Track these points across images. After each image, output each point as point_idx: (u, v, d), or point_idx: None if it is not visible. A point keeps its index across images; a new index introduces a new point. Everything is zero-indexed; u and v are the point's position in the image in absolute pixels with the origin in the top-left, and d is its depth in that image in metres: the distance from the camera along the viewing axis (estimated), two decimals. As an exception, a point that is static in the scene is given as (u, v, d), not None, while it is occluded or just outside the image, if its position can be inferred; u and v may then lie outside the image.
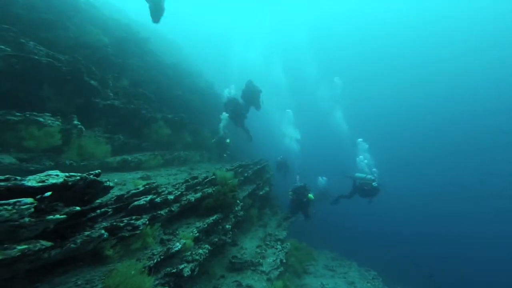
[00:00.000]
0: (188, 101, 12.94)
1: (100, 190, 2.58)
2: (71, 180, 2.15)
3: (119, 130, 7.50)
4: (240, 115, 12.64)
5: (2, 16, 4.95)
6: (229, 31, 34.85)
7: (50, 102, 5.29)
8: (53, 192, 1.92)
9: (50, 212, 1.92)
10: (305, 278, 8.91)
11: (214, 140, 11.80)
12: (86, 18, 7.41)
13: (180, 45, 21.31)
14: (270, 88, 22.72)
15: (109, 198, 3.62)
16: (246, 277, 6.34)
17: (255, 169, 10.62)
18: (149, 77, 10.52)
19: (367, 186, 11.50)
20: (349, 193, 12.45)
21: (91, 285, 2.45)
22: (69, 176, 2.16)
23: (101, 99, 6.83)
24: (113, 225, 3.20)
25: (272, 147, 19.42)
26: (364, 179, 11.69)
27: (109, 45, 7.83)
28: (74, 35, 6.53)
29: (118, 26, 9.66)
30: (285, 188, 11.65)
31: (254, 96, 12.74)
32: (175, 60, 14.40)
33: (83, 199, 2.41)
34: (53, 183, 2.00)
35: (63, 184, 2.06)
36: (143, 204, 3.84)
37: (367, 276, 9.91)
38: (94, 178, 2.40)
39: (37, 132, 4.01)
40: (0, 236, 1.70)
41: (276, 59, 31.28)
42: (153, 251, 3.82)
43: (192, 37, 27.88)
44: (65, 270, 2.43)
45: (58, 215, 1.94)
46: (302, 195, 10.91)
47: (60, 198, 2.07)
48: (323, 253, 11.86)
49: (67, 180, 2.11)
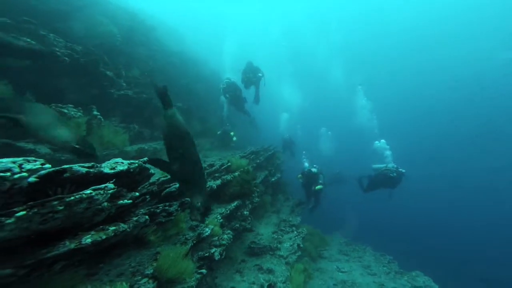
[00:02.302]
0: (195, 90, 12.85)
1: (145, 176, 2.63)
2: (132, 167, 2.21)
3: (132, 119, 7.53)
4: (240, 99, 12.40)
5: (21, 8, 4.88)
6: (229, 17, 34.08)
7: (69, 94, 5.29)
8: (116, 179, 1.97)
9: (118, 197, 1.99)
10: (320, 263, 9.11)
11: (219, 133, 11.80)
12: (96, 9, 7.28)
13: (183, 33, 20.93)
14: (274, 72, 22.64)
15: (142, 185, 3.69)
16: (266, 261, 6.51)
17: (267, 155, 10.68)
18: (157, 66, 10.42)
19: (393, 173, 10.69)
20: (367, 187, 11.79)
21: (143, 267, 2.57)
22: (131, 163, 2.23)
23: (115, 89, 6.82)
24: (150, 211, 3.27)
25: (275, 131, 19.38)
26: (386, 168, 11.01)
27: (118, 35, 7.73)
28: (85, 25, 6.44)
29: (125, 15, 9.49)
30: (296, 174, 11.69)
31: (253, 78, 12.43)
32: (180, 48, 14.19)
33: (131, 186, 2.47)
34: (121, 170, 2.06)
35: (127, 170, 2.12)
36: (174, 190, 3.91)
37: (383, 260, 9.95)
38: (145, 166, 2.46)
39: (71, 123, 4.03)
40: (83, 220, 1.77)
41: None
42: (186, 236, 3.92)
43: (192, 24, 27.37)
44: (118, 254, 2.54)
45: (126, 200, 2.01)
46: (312, 180, 10.69)
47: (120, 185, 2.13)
48: (336, 239, 12.01)
49: (129, 167, 2.17)
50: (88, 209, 1.74)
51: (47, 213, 1.52)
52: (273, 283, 5.67)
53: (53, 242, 1.75)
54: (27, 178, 1.57)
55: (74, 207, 1.63)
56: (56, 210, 1.55)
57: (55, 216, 1.57)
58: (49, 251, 1.63)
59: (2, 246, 1.58)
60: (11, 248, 1.64)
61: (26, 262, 1.56)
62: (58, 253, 1.62)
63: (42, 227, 1.58)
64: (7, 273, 1.44)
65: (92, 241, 1.74)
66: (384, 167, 11.14)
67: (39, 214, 1.49)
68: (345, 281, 7.86)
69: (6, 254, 1.60)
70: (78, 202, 1.63)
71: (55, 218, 1.58)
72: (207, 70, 15.99)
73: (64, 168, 1.76)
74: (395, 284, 7.92)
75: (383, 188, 11.30)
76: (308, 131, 23.12)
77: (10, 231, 1.41)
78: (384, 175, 10.90)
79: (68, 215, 1.66)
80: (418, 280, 8.33)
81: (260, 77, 12.50)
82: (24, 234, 1.54)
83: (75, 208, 1.64)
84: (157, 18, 13.84)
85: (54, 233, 1.78)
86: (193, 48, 17.32)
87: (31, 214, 1.45)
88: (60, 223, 1.73)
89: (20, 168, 1.52)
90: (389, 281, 8.10)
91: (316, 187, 10.47)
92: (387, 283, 7.88)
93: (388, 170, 10.83)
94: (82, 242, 1.70)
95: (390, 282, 8.05)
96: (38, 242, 1.73)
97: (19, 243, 1.67)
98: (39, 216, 1.50)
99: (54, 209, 1.54)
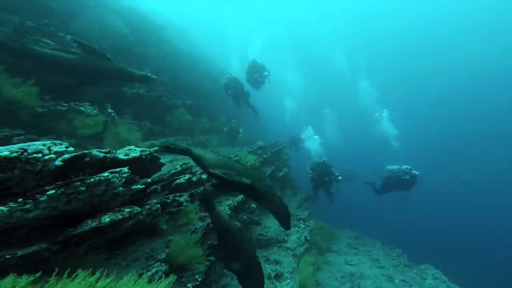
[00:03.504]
0: (203, 88, 13.09)
1: (156, 166, 2.83)
2: (144, 154, 2.41)
3: (143, 117, 7.82)
4: (242, 93, 12.16)
5: (40, 10, 5.19)
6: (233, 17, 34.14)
7: (86, 93, 5.58)
8: (129, 167, 2.17)
9: (132, 183, 2.19)
10: (328, 256, 9.20)
11: (226, 129, 11.94)
12: (108, 9, 7.57)
13: (190, 32, 21.21)
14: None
15: (153, 177, 3.92)
16: (273, 253, 6.69)
17: (273, 151, 10.81)
18: (167, 65, 10.70)
19: (406, 175, 10.36)
20: (380, 188, 11.51)
21: (156, 253, 2.79)
22: (143, 150, 2.43)
23: (128, 88, 7.09)
24: (162, 201, 3.49)
25: (281, 129, 19.46)
26: (400, 170, 10.64)
27: (130, 35, 8.01)
28: (99, 26, 6.73)
29: (136, 15, 9.79)
30: (304, 169, 11.74)
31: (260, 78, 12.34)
32: (188, 47, 14.44)
33: (143, 175, 2.67)
34: (134, 156, 2.26)
35: (140, 157, 2.32)
36: (183, 182, 4.12)
37: (392, 254, 9.94)
38: (156, 155, 2.66)
39: (88, 120, 4.32)
40: (101, 204, 1.99)
41: None
42: (196, 226, 4.13)
43: (199, 23, 27.65)
44: (132, 242, 2.77)
45: (138, 185, 2.21)
46: (323, 173, 10.30)
47: (133, 173, 2.34)
48: (344, 233, 12.03)
49: (141, 153, 2.37)
50: (106, 192, 1.94)
51: (71, 193, 1.74)
52: (280, 273, 5.84)
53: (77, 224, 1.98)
54: (55, 161, 1.79)
55: (94, 189, 1.84)
56: (79, 191, 1.76)
57: (78, 197, 1.79)
58: (75, 230, 1.85)
59: (36, 226, 1.81)
60: (43, 228, 1.87)
61: (58, 239, 1.78)
62: (83, 230, 1.84)
63: (67, 207, 1.79)
64: (44, 247, 1.66)
65: (110, 220, 1.94)
66: (397, 169, 10.80)
67: (65, 194, 1.70)
68: (353, 273, 7.94)
69: (40, 233, 1.83)
70: (97, 184, 1.84)
71: (78, 199, 1.80)
72: (215, 68, 16.20)
73: (85, 153, 1.98)
74: (404, 277, 7.94)
75: (397, 190, 10.93)
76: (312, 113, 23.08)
77: (43, 209, 1.63)
78: (397, 177, 10.59)
79: (89, 197, 1.87)
80: (427, 273, 8.32)
81: (266, 75, 12.40)
82: (54, 213, 1.76)
83: (95, 190, 1.85)
84: (166, 18, 14.12)
85: (78, 216, 2.00)
86: (201, 47, 17.58)
87: (59, 193, 1.67)
88: (82, 205, 1.94)
89: (49, 150, 1.74)
90: (397, 273, 8.14)
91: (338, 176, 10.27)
92: (396, 276, 7.91)
93: (401, 172, 10.49)
94: (101, 221, 1.91)
95: (399, 274, 8.08)
96: (65, 224, 1.95)
97: (50, 225, 1.90)
98: (65, 197, 1.71)
99: (77, 190, 1.75)
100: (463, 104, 38.47)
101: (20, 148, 1.61)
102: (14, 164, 1.59)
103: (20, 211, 1.53)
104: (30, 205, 1.56)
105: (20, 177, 1.65)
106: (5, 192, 1.65)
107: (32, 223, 1.76)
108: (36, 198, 1.59)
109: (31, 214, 1.59)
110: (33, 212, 1.59)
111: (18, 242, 1.72)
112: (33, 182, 1.73)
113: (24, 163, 1.63)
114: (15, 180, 1.64)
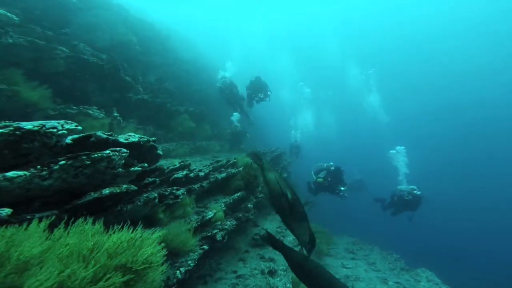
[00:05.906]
0: (206, 95, 13.59)
1: (154, 156, 3.19)
2: (142, 140, 2.78)
3: (148, 122, 8.27)
4: (237, 98, 12.17)
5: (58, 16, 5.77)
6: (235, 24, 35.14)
7: (95, 97, 6.06)
8: (129, 151, 2.52)
9: (131, 166, 2.55)
10: (325, 259, 9.31)
11: (229, 131, 12.14)
12: (118, 20, 8.17)
13: (194, 42, 22.07)
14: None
15: (151, 167, 4.26)
16: (268, 252, 6.89)
17: (273, 156, 11.13)
18: (171, 72, 11.27)
19: (408, 196, 10.22)
20: (387, 205, 11.37)
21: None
22: (141, 137, 2.80)
23: (134, 94, 7.57)
24: (160, 193, 3.83)
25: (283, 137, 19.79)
26: (403, 190, 10.59)
27: (137, 44, 8.58)
28: (109, 36, 7.30)
29: (143, 25, 10.45)
30: (304, 176, 11.85)
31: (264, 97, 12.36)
32: (192, 56, 15.10)
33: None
34: (133, 141, 2.63)
35: (138, 142, 2.69)
36: (181, 177, 4.47)
37: (389, 258, 10.00)
38: (153, 144, 3.02)
39: (95, 123, 4.76)
40: (103, 184, 2.35)
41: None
42: (191, 218, 4.45)
43: (204, 32, 28.67)
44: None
45: (136, 167, 2.56)
46: (336, 180, 9.66)
47: (131, 158, 2.70)
48: (343, 238, 12.11)
49: (140, 139, 2.74)
50: (107, 169, 2.29)
51: (79, 167, 2.10)
52: (274, 269, 6.04)
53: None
54: (66, 137, 2.16)
55: (97, 164, 2.20)
56: (85, 164, 2.12)
57: (84, 171, 2.14)
58: (80, 200, 2.19)
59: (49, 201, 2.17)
60: (55, 203, 2.22)
61: (67, 207, 2.14)
62: (86, 200, 2.18)
63: (74, 181, 2.14)
64: (55, 213, 2.01)
65: (109, 192, 2.29)
66: (401, 189, 10.72)
67: (73, 167, 2.06)
68: (348, 276, 8.06)
69: (52, 205, 2.18)
70: (100, 160, 2.20)
71: (83, 174, 2.15)
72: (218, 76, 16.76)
73: (90, 134, 2.37)
74: (398, 279, 8.02)
75: (405, 211, 10.77)
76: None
77: (55, 179, 1.98)
78: (399, 196, 10.52)
79: (93, 173, 2.22)
80: (421, 276, 8.38)
81: (269, 95, 12.37)
82: (63, 185, 2.11)
83: (98, 166, 2.20)
84: (171, 28, 14.86)
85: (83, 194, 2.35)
86: (205, 55, 18.29)
87: (69, 164, 2.03)
88: (86, 182, 2.29)
89: (62, 127, 2.12)
90: (392, 276, 8.22)
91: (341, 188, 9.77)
92: (390, 278, 8.00)
93: (404, 192, 10.37)
94: (102, 193, 2.25)
95: (394, 277, 8.16)
96: (71, 198, 2.31)
97: (61, 200, 2.25)
98: (73, 169, 2.07)
99: (83, 163, 2.11)
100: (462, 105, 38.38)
101: (40, 124, 2.00)
102: (35, 136, 1.96)
103: (38, 178, 1.88)
104: (46, 172, 1.92)
105: (38, 149, 2.02)
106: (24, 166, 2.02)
107: (46, 194, 2.12)
108: (50, 166, 1.95)
109: (46, 182, 1.94)
110: (47, 180, 1.95)
111: (34, 212, 2.07)
112: (48, 158, 2.10)
113: (42, 136, 2.01)
114: (35, 154, 2.01)
